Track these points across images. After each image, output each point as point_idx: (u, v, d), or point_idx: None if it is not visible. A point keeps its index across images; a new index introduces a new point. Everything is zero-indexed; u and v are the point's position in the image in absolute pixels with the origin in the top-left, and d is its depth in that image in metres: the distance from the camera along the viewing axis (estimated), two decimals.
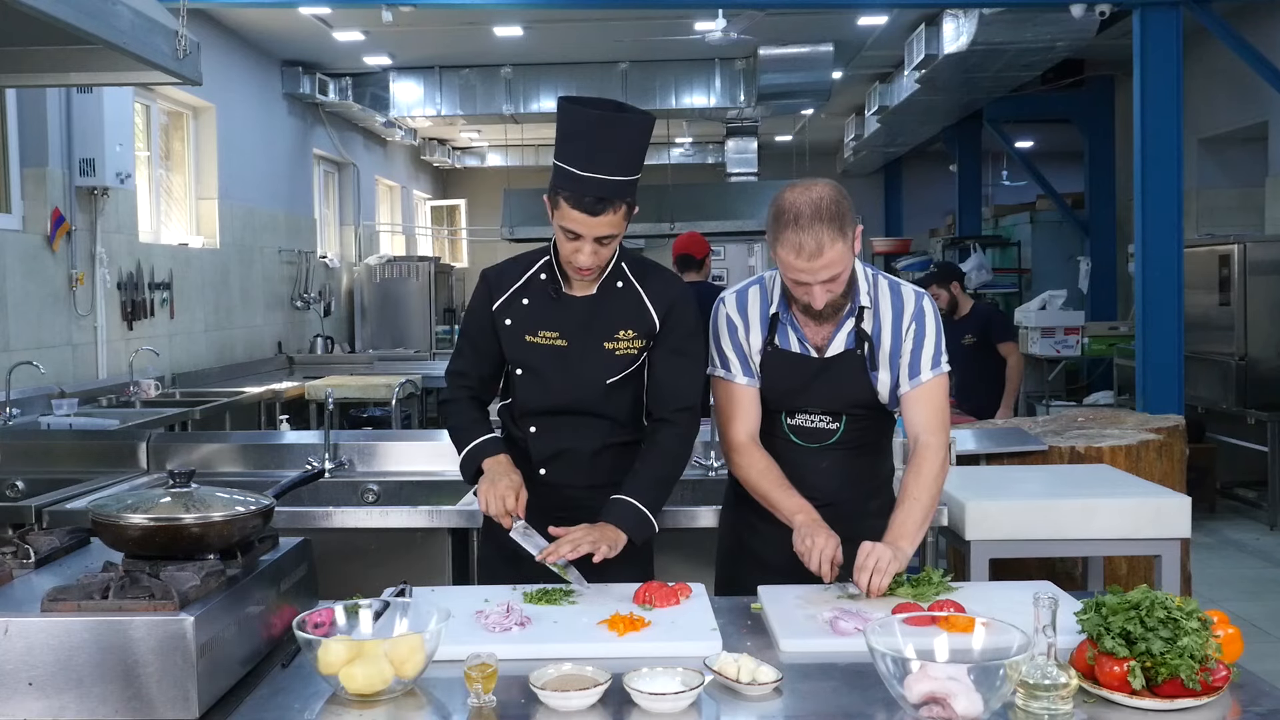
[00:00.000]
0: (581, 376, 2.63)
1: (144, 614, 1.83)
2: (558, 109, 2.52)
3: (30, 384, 5.67)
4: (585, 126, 2.46)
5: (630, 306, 2.64)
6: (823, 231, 2.40)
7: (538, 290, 2.66)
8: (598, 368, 2.63)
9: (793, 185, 2.49)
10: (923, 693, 1.75)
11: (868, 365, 2.59)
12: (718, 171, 14.55)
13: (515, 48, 9.88)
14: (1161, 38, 7.12)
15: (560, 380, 2.64)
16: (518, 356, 2.67)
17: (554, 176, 2.50)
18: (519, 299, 2.67)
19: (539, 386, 2.66)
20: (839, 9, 8.72)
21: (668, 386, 2.66)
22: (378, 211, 13.36)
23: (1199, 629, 1.85)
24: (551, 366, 2.64)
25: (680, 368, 2.66)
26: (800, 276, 2.47)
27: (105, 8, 3.09)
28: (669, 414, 2.65)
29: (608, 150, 2.46)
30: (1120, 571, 4.25)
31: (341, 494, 3.81)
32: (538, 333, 2.64)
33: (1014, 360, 6.76)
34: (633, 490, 2.57)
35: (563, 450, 2.68)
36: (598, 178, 2.45)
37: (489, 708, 1.85)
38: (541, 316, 2.65)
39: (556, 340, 2.64)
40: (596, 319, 2.63)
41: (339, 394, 6.83)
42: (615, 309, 2.64)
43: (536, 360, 2.65)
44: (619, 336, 2.63)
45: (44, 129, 6.10)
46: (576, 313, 2.64)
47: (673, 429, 2.65)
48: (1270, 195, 8.58)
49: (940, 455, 2.58)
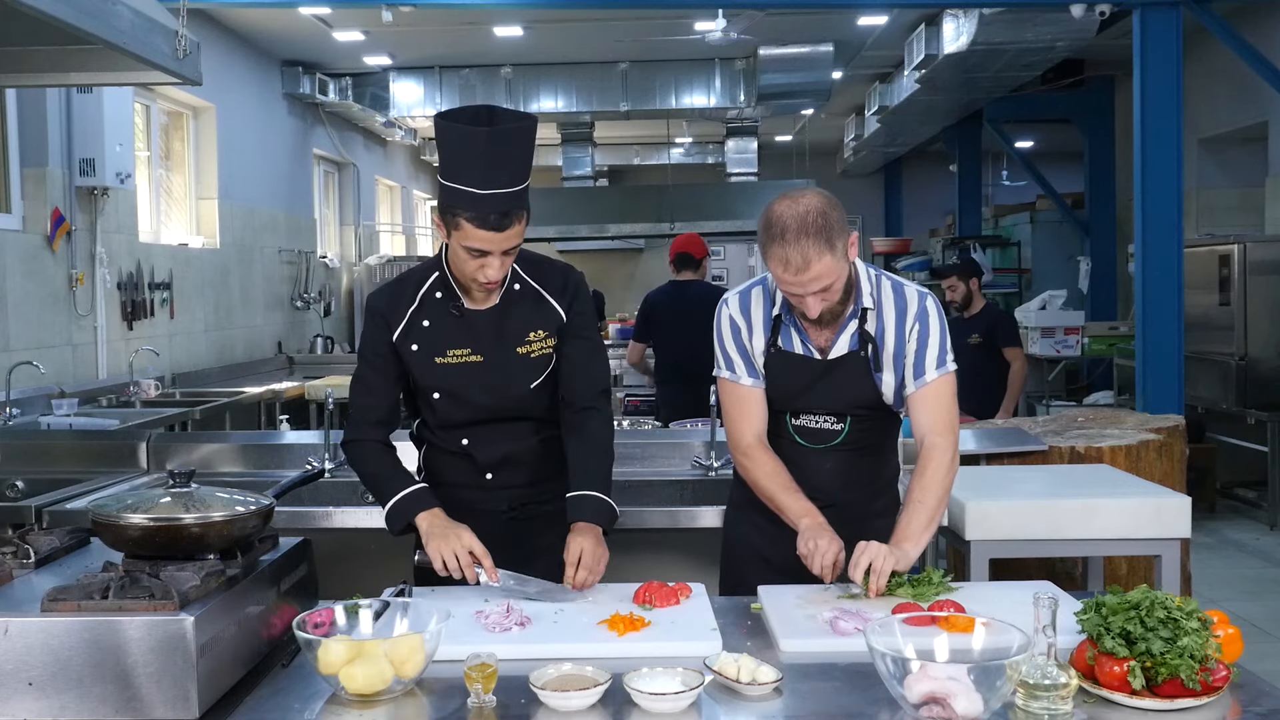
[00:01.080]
0: (502, 387, 2.60)
1: (144, 614, 1.83)
2: (437, 128, 2.45)
3: (30, 384, 5.67)
4: (478, 144, 2.39)
5: (534, 307, 2.62)
6: (809, 246, 2.38)
7: (436, 310, 2.60)
8: (517, 375, 2.61)
9: (783, 196, 2.47)
10: (923, 693, 1.75)
11: (871, 366, 2.59)
12: (718, 171, 14.54)
13: (515, 48, 9.88)
14: (1161, 38, 7.11)
15: (481, 395, 2.61)
16: (431, 381, 2.61)
17: (446, 197, 2.44)
18: (419, 322, 2.61)
19: (458, 405, 2.62)
20: (839, 9, 8.72)
21: (583, 374, 2.65)
22: (378, 211, 13.36)
23: (1199, 629, 1.85)
24: (470, 383, 2.60)
25: (590, 353, 2.66)
26: (790, 289, 2.46)
27: (105, 8, 3.09)
28: (591, 401, 2.64)
29: (502, 165, 2.40)
30: (1120, 571, 4.25)
31: (341, 494, 3.80)
32: (447, 353, 2.59)
33: (1018, 366, 6.72)
34: (590, 484, 2.55)
35: (504, 455, 2.66)
36: (498, 193, 2.39)
37: (489, 708, 1.85)
38: (448, 336, 2.60)
39: (470, 356, 2.59)
40: (505, 327, 2.60)
41: (339, 394, 6.80)
42: (520, 313, 2.61)
43: (452, 381, 2.60)
44: (530, 339, 2.61)
45: (44, 129, 6.10)
46: (483, 325, 2.60)
47: (599, 415, 2.64)
48: (1270, 195, 8.58)
49: (947, 456, 2.57)
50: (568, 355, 2.65)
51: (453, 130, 2.42)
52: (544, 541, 2.62)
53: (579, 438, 2.62)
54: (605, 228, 11.18)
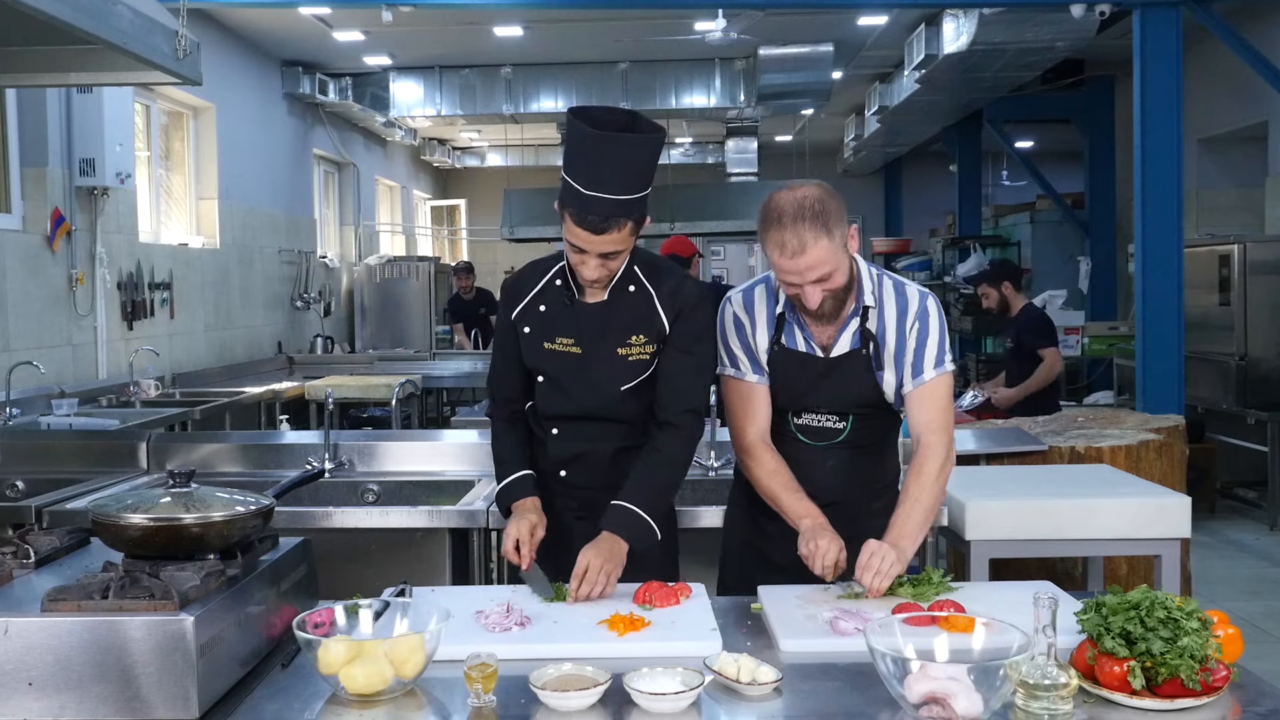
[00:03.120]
0: (596, 383, 2.63)
1: (144, 614, 1.83)
2: (566, 121, 2.49)
3: (30, 384, 5.67)
4: (589, 143, 2.42)
5: (641, 311, 2.62)
6: (805, 230, 2.39)
7: (554, 297, 2.65)
8: (612, 374, 2.62)
9: (782, 187, 2.49)
10: (923, 693, 1.75)
11: (873, 365, 2.59)
12: (718, 171, 14.55)
13: (515, 48, 9.88)
14: (1161, 38, 7.12)
15: (576, 387, 2.64)
16: (536, 363, 2.67)
17: (562, 188, 2.48)
18: (536, 306, 2.67)
19: (557, 392, 2.66)
20: (839, 9, 8.72)
21: (673, 388, 2.64)
22: (378, 211, 13.36)
23: (1199, 629, 1.85)
24: (568, 373, 2.64)
25: (686, 369, 2.64)
26: (788, 277, 2.46)
27: (105, 8, 3.09)
28: (673, 416, 2.64)
29: (610, 169, 2.41)
30: (1120, 571, 4.25)
31: (341, 494, 3.81)
32: (555, 339, 2.64)
33: (1047, 364, 6.47)
34: (634, 497, 2.56)
35: (581, 453, 2.68)
36: (601, 197, 2.41)
37: (489, 708, 1.85)
38: (557, 323, 2.64)
39: (572, 347, 2.63)
40: (609, 325, 2.62)
41: (339, 394, 6.83)
42: (627, 314, 2.62)
43: (554, 367, 2.65)
44: (631, 342, 2.62)
45: (44, 129, 6.10)
46: (590, 319, 2.63)
47: (676, 433, 2.64)
48: (1270, 195, 8.58)
49: (941, 455, 2.58)
50: (664, 367, 2.64)
51: (573, 127, 2.46)
52: None
53: (648, 449, 2.64)
54: None
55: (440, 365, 9.61)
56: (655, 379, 2.66)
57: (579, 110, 2.47)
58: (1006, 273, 6.91)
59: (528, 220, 11.20)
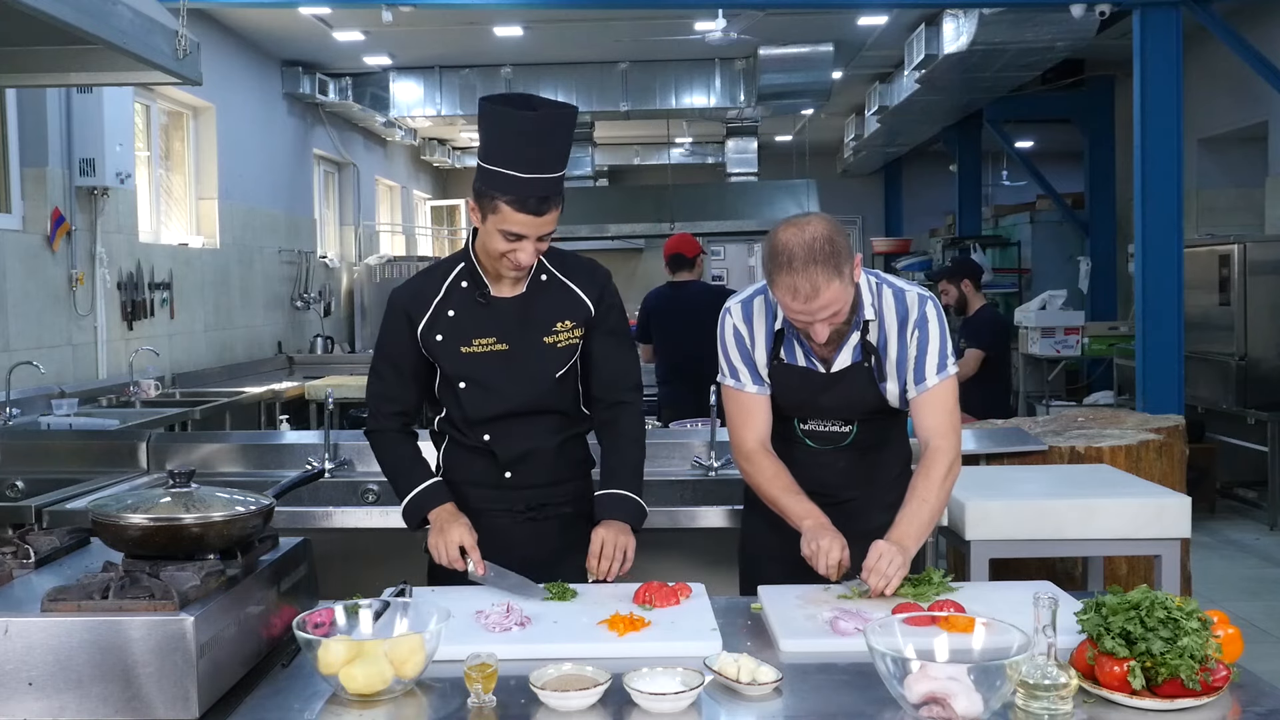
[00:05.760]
0: (528, 376, 2.61)
1: (144, 614, 1.83)
2: (481, 112, 2.48)
3: (30, 384, 5.67)
4: (526, 128, 2.42)
5: (562, 297, 2.63)
6: (818, 274, 2.37)
7: (462, 299, 2.61)
8: (543, 364, 2.62)
9: (787, 223, 2.45)
10: (923, 693, 1.75)
11: (875, 377, 2.59)
12: (718, 171, 14.54)
13: (515, 48, 9.88)
14: (1161, 38, 7.11)
15: (505, 384, 2.61)
16: (457, 370, 2.62)
17: (485, 181, 2.45)
18: (444, 312, 2.62)
19: (485, 395, 2.62)
20: (839, 9, 8.71)
21: (614, 369, 2.67)
22: (378, 211, 13.35)
23: (1199, 629, 1.85)
24: (495, 372, 2.61)
25: (620, 347, 2.69)
26: (798, 318, 2.45)
27: (105, 8, 3.09)
28: (623, 395, 2.67)
29: (547, 149, 2.43)
30: (1120, 571, 4.25)
31: (341, 494, 3.80)
32: (472, 342, 2.60)
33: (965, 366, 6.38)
34: (620, 482, 2.59)
35: (526, 452, 2.65)
36: (539, 178, 2.42)
37: (489, 708, 1.85)
38: (473, 325, 2.61)
39: (495, 345, 2.60)
40: (532, 316, 2.61)
41: (339, 394, 6.82)
42: (548, 303, 2.62)
43: (479, 370, 2.61)
44: (558, 329, 2.62)
45: (44, 129, 6.09)
46: (510, 313, 2.61)
47: (630, 410, 2.68)
48: (1270, 195, 8.57)
49: (950, 458, 2.58)
50: (597, 350, 2.66)
51: (497, 114, 2.45)
52: (562, 543, 2.64)
53: (611, 434, 2.66)
54: (605, 228, 11.18)
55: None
56: (590, 364, 2.67)
57: (497, 98, 2.49)
58: (967, 270, 6.95)
59: None
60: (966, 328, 6.79)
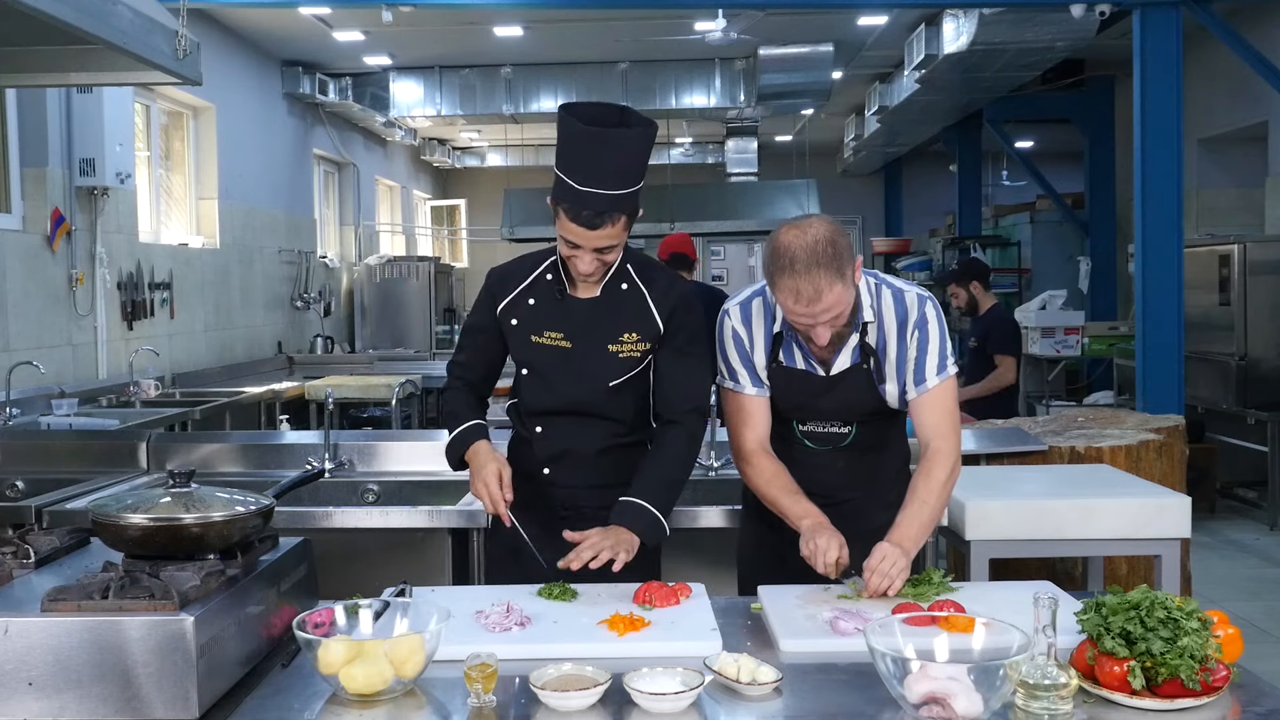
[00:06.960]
0: (585, 378, 2.63)
1: (144, 614, 1.83)
2: (558, 118, 2.50)
3: (30, 384, 5.67)
4: (581, 140, 2.44)
5: (634, 309, 2.63)
6: (820, 276, 2.36)
7: (543, 291, 2.66)
8: (601, 370, 2.63)
9: (789, 225, 2.45)
10: (923, 693, 1.75)
11: (874, 379, 2.59)
12: (718, 171, 14.54)
13: (515, 48, 9.88)
14: (1161, 38, 7.11)
15: (564, 381, 2.64)
16: (523, 356, 2.68)
17: (555, 185, 2.49)
18: (525, 299, 2.67)
19: (543, 387, 2.66)
20: (839, 9, 8.71)
21: (674, 388, 2.66)
22: (378, 211, 13.36)
23: (1199, 629, 1.85)
24: (556, 367, 2.64)
25: (686, 369, 2.66)
26: (800, 320, 2.45)
27: (105, 8, 3.09)
28: (677, 415, 2.65)
29: (604, 165, 2.43)
30: (1120, 571, 4.25)
31: (341, 494, 3.81)
32: (543, 333, 2.64)
33: (999, 372, 6.48)
34: (643, 492, 2.56)
35: (566, 450, 2.68)
36: (595, 192, 2.43)
37: (489, 708, 1.85)
38: (547, 317, 2.64)
39: (561, 341, 2.63)
40: (600, 321, 2.63)
41: (339, 394, 6.83)
42: (619, 311, 2.63)
43: (541, 361, 2.65)
44: (623, 339, 2.62)
45: (44, 129, 6.10)
46: (580, 314, 2.63)
47: (681, 430, 2.65)
48: (1270, 195, 8.57)
49: (951, 460, 2.58)
50: (663, 366, 2.66)
51: (566, 123, 2.47)
52: None
53: (655, 447, 2.66)
54: None
55: (440, 365, 9.59)
56: (655, 379, 2.67)
57: (570, 106, 2.49)
58: (975, 272, 6.91)
59: (528, 220, 11.20)
60: (983, 329, 6.71)
